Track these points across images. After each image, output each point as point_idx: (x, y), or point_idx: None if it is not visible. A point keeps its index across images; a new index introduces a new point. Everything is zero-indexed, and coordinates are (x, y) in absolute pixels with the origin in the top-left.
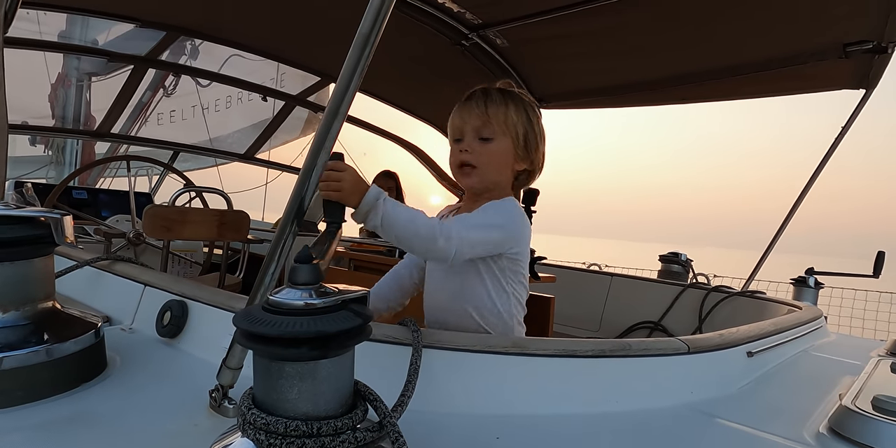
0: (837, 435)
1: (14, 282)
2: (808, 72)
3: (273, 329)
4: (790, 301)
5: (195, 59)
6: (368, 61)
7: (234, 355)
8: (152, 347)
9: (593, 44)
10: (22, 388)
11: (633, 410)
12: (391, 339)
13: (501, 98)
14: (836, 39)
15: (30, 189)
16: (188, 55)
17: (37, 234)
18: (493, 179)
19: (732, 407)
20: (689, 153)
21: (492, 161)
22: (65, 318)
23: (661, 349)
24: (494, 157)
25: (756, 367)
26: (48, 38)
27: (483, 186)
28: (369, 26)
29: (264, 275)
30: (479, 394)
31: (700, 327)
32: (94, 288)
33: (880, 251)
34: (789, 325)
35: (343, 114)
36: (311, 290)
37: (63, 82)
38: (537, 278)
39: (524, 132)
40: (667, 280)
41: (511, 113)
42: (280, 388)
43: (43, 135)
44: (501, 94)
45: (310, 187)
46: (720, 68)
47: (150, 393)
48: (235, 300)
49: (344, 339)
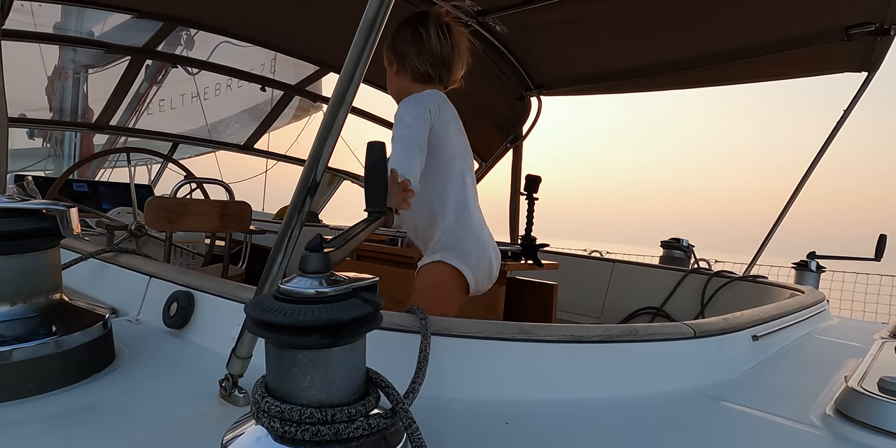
0: (844, 416)
1: (21, 274)
2: (810, 55)
3: (285, 317)
4: (792, 285)
5: (191, 50)
6: (374, 48)
7: (244, 344)
8: (159, 338)
9: (593, 29)
10: (32, 380)
11: (640, 394)
12: (399, 327)
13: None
14: (838, 22)
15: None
16: (184, 45)
17: (43, 226)
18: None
19: (738, 390)
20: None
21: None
22: (72, 310)
23: (667, 334)
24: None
25: (761, 350)
26: (43, 30)
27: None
28: (374, 11)
29: (272, 265)
30: (488, 380)
31: (702, 312)
32: (98, 280)
33: (882, 234)
34: (793, 308)
35: (349, 101)
36: (322, 278)
37: (60, 75)
38: (540, 265)
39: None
40: (668, 266)
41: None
42: (293, 376)
43: (41, 128)
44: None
45: (316, 176)
46: (721, 52)
47: (159, 383)
48: (242, 290)
49: (355, 326)
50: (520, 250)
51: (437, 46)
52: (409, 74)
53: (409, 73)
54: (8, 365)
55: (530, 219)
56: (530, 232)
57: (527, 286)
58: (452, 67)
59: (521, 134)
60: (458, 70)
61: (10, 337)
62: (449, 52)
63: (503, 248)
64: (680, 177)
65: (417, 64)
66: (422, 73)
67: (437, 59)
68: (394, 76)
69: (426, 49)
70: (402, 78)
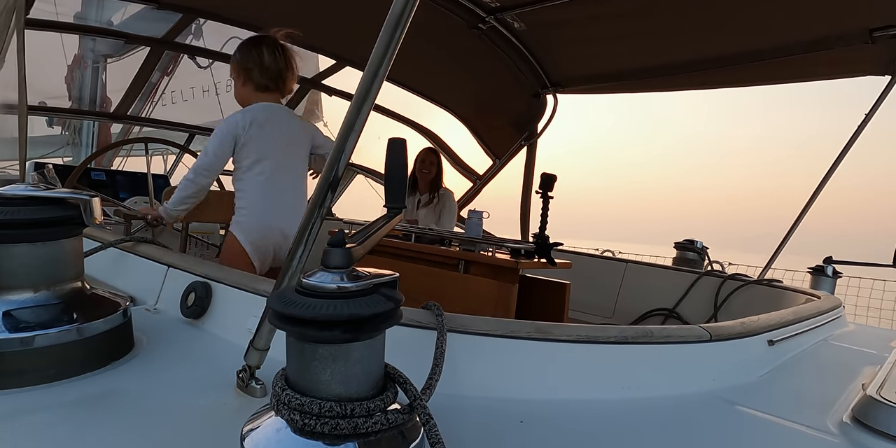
0: (861, 424)
1: (45, 262)
2: (834, 57)
3: (308, 311)
4: (808, 290)
5: (198, 40)
6: (399, 44)
7: (262, 336)
8: (177, 328)
9: (612, 27)
10: (54, 367)
11: (654, 397)
12: (415, 323)
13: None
14: (862, 24)
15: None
16: (192, 34)
17: (67, 214)
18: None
19: (754, 395)
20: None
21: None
22: (93, 298)
23: (683, 336)
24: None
25: (777, 355)
26: (64, 19)
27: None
28: (401, 7)
29: (292, 258)
30: (502, 378)
31: (715, 315)
32: (117, 269)
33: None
34: (809, 314)
35: (373, 97)
36: (344, 273)
37: (79, 64)
38: (554, 264)
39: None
40: (682, 267)
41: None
42: (313, 369)
43: (61, 116)
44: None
45: (338, 171)
46: (742, 53)
47: (178, 372)
48: (259, 282)
49: (376, 322)
50: (533, 248)
51: (272, 63)
52: (252, 86)
53: (252, 85)
54: (30, 351)
55: (545, 217)
56: (544, 230)
57: (539, 284)
58: (286, 80)
59: (535, 132)
60: (290, 81)
61: (34, 323)
62: (283, 67)
63: (516, 245)
64: (681, 173)
65: (259, 77)
66: (262, 85)
67: (274, 73)
68: (241, 87)
69: (265, 66)
70: (247, 88)
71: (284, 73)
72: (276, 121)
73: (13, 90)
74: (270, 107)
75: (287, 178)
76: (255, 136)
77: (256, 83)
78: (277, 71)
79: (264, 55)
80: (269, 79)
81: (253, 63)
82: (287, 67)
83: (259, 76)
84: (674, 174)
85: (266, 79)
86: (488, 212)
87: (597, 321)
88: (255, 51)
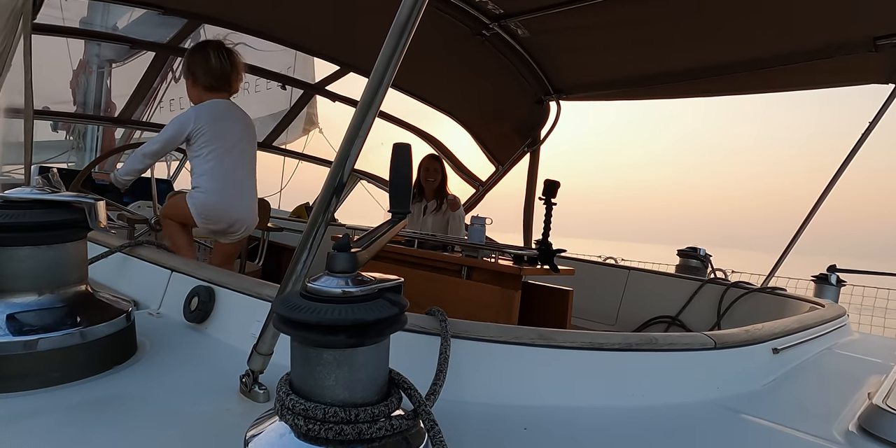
0: (868, 434)
1: (50, 265)
2: (837, 65)
3: (313, 316)
4: (812, 298)
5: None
6: (404, 51)
7: (266, 341)
8: (180, 332)
9: (615, 35)
10: (58, 370)
11: (658, 405)
12: (419, 329)
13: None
14: (866, 32)
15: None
16: (191, 39)
17: (72, 218)
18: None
19: (759, 403)
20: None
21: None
22: (97, 301)
23: (687, 344)
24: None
25: (782, 363)
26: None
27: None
28: (406, 15)
29: (296, 262)
30: (506, 384)
31: (718, 323)
32: (121, 272)
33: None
34: (813, 322)
35: (378, 104)
36: (348, 278)
37: (85, 69)
38: (557, 271)
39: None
40: (685, 275)
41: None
42: (318, 374)
43: (66, 121)
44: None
45: (343, 177)
46: (745, 61)
47: (181, 377)
48: (262, 287)
49: (381, 327)
50: (536, 255)
51: (217, 65)
52: (200, 86)
53: (200, 86)
54: (34, 354)
55: (548, 224)
56: (547, 237)
57: (542, 291)
58: (231, 80)
59: (538, 138)
60: (235, 81)
61: (37, 326)
62: (228, 70)
63: (519, 252)
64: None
65: (205, 78)
66: (209, 85)
67: (219, 75)
68: (191, 87)
69: (210, 67)
70: (198, 88)
71: (229, 75)
72: (224, 115)
73: (20, 94)
74: (219, 103)
75: (235, 161)
76: (205, 129)
77: (203, 84)
78: (222, 72)
79: (210, 58)
80: (215, 79)
81: (199, 65)
82: (232, 69)
83: (204, 77)
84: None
85: (212, 79)
86: (491, 218)
87: (599, 328)
88: (202, 54)
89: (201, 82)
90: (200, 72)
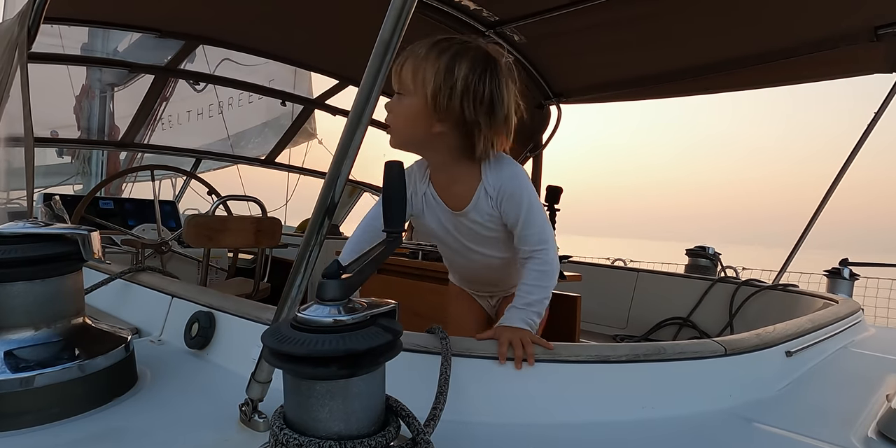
0: (888, 439)
1: (45, 299)
2: (839, 57)
3: (302, 348)
4: (825, 294)
5: (192, 62)
6: (389, 68)
7: (263, 369)
8: (181, 359)
9: (612, 36)
10: (56, 405)
11: (669, 417)
12: (419, 348)
13: (425, 51)
14: (867, 22)
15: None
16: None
17: (65, 251)
18: (406, 140)
19: (773, 410)
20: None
21: (397, 120)
22: (95, 333)
23: (696, 352)
24: (400, 116)
25: (796, 366)
26: (71, 51)
27: (402, 147)
28: (389, 33)
29: (291, 287)
30: (512, 402)
31: (731, 323)
32: (122, 299)
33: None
34: (827, 320)
35: (366, 121)
36: (340, 306)
37: (87, 94)
38: (563, 277)
39: (435, 88)
40: (694, 274)
41: (427, 67)
42: (311, 407)
43: (70, 147)
44: (428, 47)
45: (334, 198)
46: (746, 56)
47: (180, 407)
48: (262, 311)
49: (374, 356)
50: None
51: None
52: (437, 131)
53: (434, 131)
54: (31, 391)
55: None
56: None
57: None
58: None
59: (540, 143)
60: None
61: (34, 362)
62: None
63: None
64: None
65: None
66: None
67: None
68: (416, 114)
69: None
70: (425, 130)
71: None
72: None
73: (20, 123)
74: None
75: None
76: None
77: (438, 124)
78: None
79: (462, 75)
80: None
81: (445, 85)
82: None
83: (434, 111)
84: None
85: (452, 120)
86: None
87: (610, 332)
88: (464, 66)
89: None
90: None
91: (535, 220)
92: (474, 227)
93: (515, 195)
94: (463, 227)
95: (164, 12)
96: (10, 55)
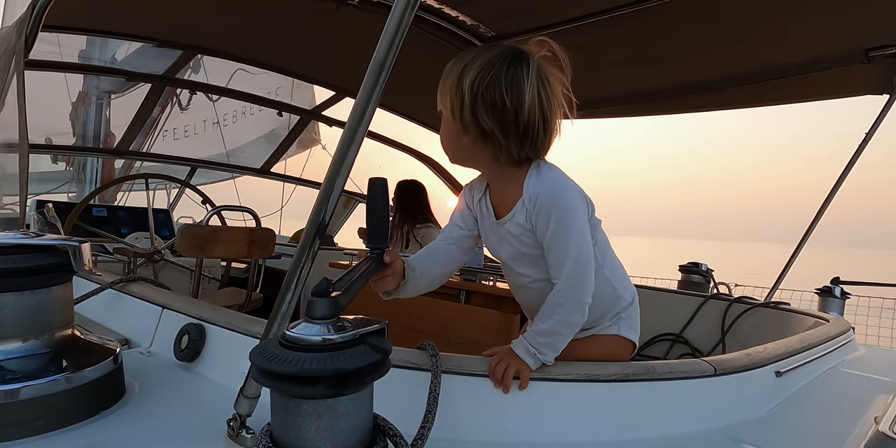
0: None
1: (34, 311)
2: (830, 77)
3: (289, 367)
4: (816, 313)
5: (196, 73)
6: (382, 86)
7: (252, 384)
8: (170, 372)
9: (607, 54)
10: (42, 418)
11: (658, 436)
12: (409, 365)
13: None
14: (858, 44)
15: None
16: (191, 68)
17: (55, 262)
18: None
19: (762, 432)
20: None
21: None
22: (83, 344)
23: (686, 372)
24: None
25: (785, 387)
26: (69, 59)
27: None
28: (384, 52)
29: (281, 303)
30: (501, 420)
31: (723, 340)
32: (112, 310)
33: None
34: (817, 340)
35: (359, 140)
36: (328, 324)
37: (83, 101)
38: None
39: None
40: (687, 291)
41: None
42: (297, 425)
43: (65, 154)
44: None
45: (327, 214)
46: (738, 76)
47: (168, 422)
48: (252, 324)
49: (362, 375)
50: None
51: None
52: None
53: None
54: (17, 403)
55: None
56: None
57: None
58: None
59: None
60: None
61: (21, 374)
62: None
63: None
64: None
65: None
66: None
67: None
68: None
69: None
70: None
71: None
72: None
73: (16, 130)
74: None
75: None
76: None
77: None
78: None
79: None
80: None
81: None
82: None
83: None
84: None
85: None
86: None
87: None
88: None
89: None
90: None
91: (558, 243)
92: (513, 241)
93: (544, 208)
94: (505, 242)
95: (161, 22)
96: (6, 62)
